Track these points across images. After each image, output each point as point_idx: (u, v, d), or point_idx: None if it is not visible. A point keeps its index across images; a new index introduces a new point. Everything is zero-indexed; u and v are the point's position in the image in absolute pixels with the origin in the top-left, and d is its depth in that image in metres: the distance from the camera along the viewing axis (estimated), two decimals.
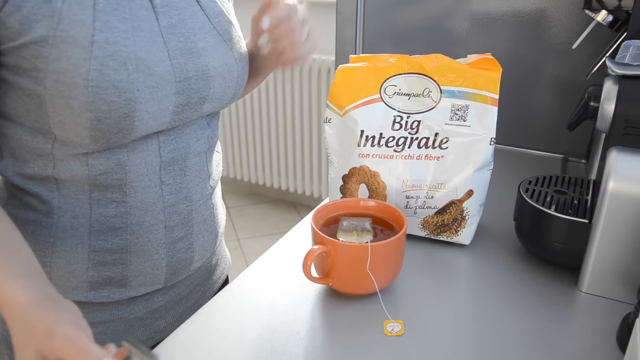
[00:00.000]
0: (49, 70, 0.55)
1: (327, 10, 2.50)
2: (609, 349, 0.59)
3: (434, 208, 0.77)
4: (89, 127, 0.57)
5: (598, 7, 0.91)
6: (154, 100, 0.59)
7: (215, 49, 0.66)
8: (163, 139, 0.64)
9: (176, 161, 0.67)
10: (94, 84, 0.55)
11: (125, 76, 0.56)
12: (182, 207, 0.69)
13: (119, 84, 0.56)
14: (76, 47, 0.54)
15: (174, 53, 0.61)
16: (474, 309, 0.66)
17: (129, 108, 0.57)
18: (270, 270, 0.75)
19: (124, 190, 0.63)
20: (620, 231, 0.64)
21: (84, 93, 0.55)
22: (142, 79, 0.58)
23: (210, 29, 0.66)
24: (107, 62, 0.55)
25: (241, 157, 2.94)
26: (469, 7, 1.16)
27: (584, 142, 1.10)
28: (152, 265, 0.69)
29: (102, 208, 0.64)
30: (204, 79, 0.65)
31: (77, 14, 0.55)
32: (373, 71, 0.77)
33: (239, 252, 2.59)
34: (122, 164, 0.62)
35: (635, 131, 0.66)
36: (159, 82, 0.59)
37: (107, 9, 0.56)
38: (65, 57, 0.54)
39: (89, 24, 0.55)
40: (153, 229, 0.67)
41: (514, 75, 1.15)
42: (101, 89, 0.55)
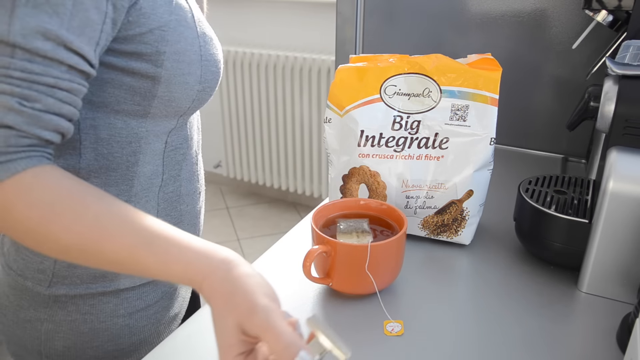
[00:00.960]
0: (171, 52, 0.59)
1: (327, 10, 2.50)
2: (609, 349, 0.59)
3: (434, 208, 0.77)
4: (195, 98, 0.64)
5: (598, 7, 0.91)
6: (221, 68, 0.68)
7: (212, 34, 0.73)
8: (197, 118, 0.73)
9: (198, 133, 0.75)
10: (204, 58, 0.63)
11: (214, 49, 0.65)
12: (201, 174, 0.76)
13: (214, 56, 0.65)
14: (188, 28, 0.60)
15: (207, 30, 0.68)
16: (474, 309, 0.66)
17: (219, 75, 0.67)
18: (270, 270, 0.75)
19: (181, 165, 0.69)
20: (620, 231, 0.64)
21: (199, 67, 0.62)
22: (215, 51, 0.66)
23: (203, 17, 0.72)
24: (205, 38, 0.63)
25: (241, 157, 2.94)
26: (469, 7, 1.16)
27: (584, 142, 1.10)
28: (195, 230, 0.74)
29: (166, 186, 0.68)
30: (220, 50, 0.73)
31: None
32: (373, 71, 0.77)
33: (239, 252, 2.58)
34: (186, 138, 0.69)
35: (635, 131, 0.66)
36: (219, 53, 0.68)
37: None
38: (183, 39, 0.60)
39: (187, 7, 0.61)
40: (195, 196, 0.73)
41: (514, 75, 1.15)
42: (208, 62, 0.63)
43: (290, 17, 2.61)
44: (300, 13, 2.58)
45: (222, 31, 2.78)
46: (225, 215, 2.91)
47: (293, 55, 2.55)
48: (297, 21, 2.60)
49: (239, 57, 2.68)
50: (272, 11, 2.65)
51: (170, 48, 0.58)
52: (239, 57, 2.68)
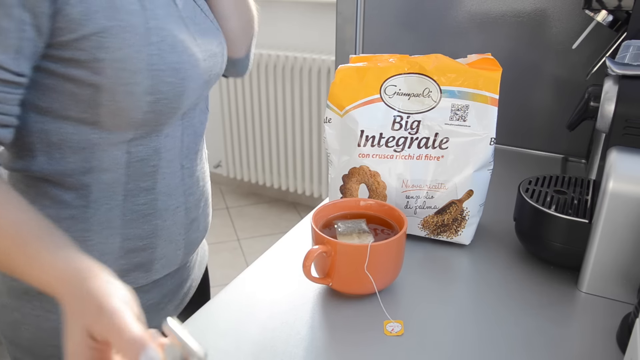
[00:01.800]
0: (111, 60, 0.56)
1: (327, 10, 2.50)
2: (609, 349, 0.59)
3: (434, 208, 0.77)
4: (146, 110, 0.60)
5: (598, 7, 0.91)
6: (195, 78, 0.64)
7: (213, 31, 0.71)
8: (185, 124, 0.69)
9: (190, 145, 0.71)
10: (155, 68, 0.59)
11: (177, 57, 0.61)
12: (196, 189, 0.74)
13: (175, 65, 0.61)
14: (135, 34, 0.57)
15: (196, 35, 0.66)
16: (474, 309, 0.66)
17: (183, 87, 0.62)
18: (270, 271, 0.75)
19: (155, 177, 0.67)
20: (620, 231, 0.64)
21: (147, 77, 0.59)
22: (187, 59, 0.63)
23: (202, 15, 0.70)
24: (162, 46, 0.59)
25: (241, 157, 2.94)
26: (469, 7, 1.16)
27: (584, 142, 1.10)
28: (175, 247, 0.72)
29: (134, 197, 0.66)
30: (214, 57, 0.70)
31: (129, 3, 0.57)
32: (373, 71, 0.77)
33: (239, 252, 2.58)
34: (157, 150, 0.66)
35: (635, 131, 0.66)
36: (196, 61, 0.64)
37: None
38: (126, 46, 0.57)
39: (141, 12, 0.58)
40: (177, 211, 0.71)
41: (513, 75, 1.15)
42: (161, 71, 0.59)
43: (290, 17, 2.61)
44: (300, 13, 2.58)
45: None
46: (225, 215, 2.91)
47: (293, 55, 2.55)
48: (297, 21, 2.60)
49: None
50: (272, 11, 2.65)
51: (111, 55, 0.56)
52: None
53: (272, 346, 0.60)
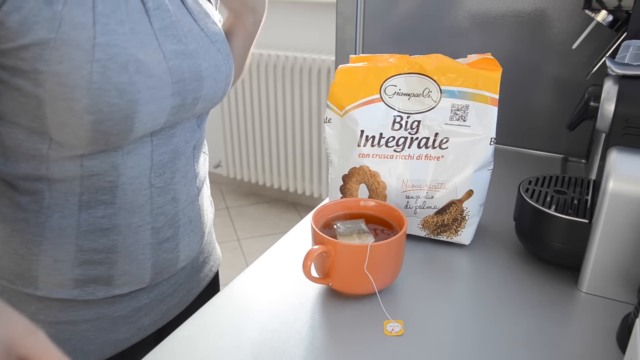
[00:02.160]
0: (50, 73, 0.54)
1: (327, 10, 2.50)
2: (609, 349, 0.59)
3: (434, 208, 0.77)
4: (89, 128, 0.57)
5: (598, 7, 0.91)
6: (153, 102, 0.60)
7: (205, 51, 0.67)
8: (156, 142, 0.65)
9: (166, 164, 0.67)
10: (97, 87, 0.55)
11: (127, 78, 0.57)
12: (169, 209, 0.70)
13: (121, 86, 0.57)
14: (78, 50, 0.54)
15: (169, 55, 0.62)
16: (474, 309, 0.66)
17: (131, 109, 0.58)
18: (270, 271, 0.75)
19: (114, 192, 0.64)
20: (620, 231, 0.64)
21: (87, 95, 0.55)
22: (142, 80, 0.58)
23: (198, 31, 0.67)
24: (109, 64, 0.56)
25: (241, 157, 2.94)
26: (469, 7, 1.16)
27: (584, 142, 1.10)
28: (138, 265, 0.69)
29: (91, 209, 0.64)
30: (197, 79, 0.66)
31: (77, 16, 0.54)
32: (373, 71, 0.77)
33: (239, 252, 2.59)
34: (115, 166, 0.63)
35: (635, 131, 0.66)
36: (158, 83, 0.60)
37: (105, 11, 0.56)
38: (67, 60, 0.54)
39: (90, 27, 0.55)
40: (140, 230, 0.67)
41: (514, 75, 1.15)
42: (104, 91, 0.56)
43: (290, 17, 2.61)
44: (300, 13, 2.58)
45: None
46: (225, 215, 2.92)
47: (293, 55, 2.55)
48: (297, 21, 2.60)
49: None
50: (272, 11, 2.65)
51: (50, 68, 0.54)
52: None
53: (272, 346, 0.60)
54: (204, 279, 0.85)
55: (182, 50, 0.64)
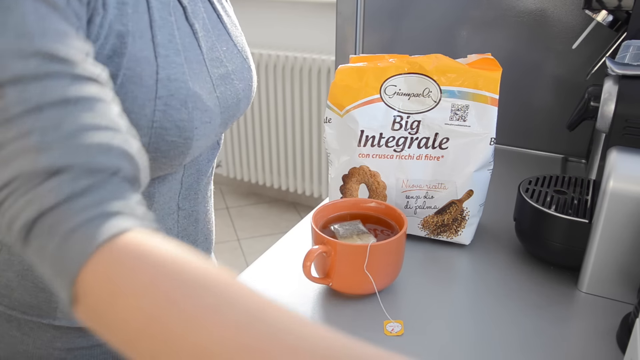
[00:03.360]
0: None
1: (327, 10, 2.50)
2: (609, 349, 0.59)
3: (434, 208, 0.77)
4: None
5: (598, 7, 0.91)
6: (205, 136, 0.56)
7: (240, 70, 0.63)
8: (187, 166, 0.62)
9: (192, 186, 0.65)
10: (158, 125, 0.51)
11: (186, 115, 0.53)
12: (191, 230, 0.68)
13: (181, 124, 0.52)
14: (142, 86, 0.49)
15: (217, 82, 0.58)
16: (474, 309, 0.66)
17: (187, 146, 0.54)
18: (270, 271, 0.75)
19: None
20: (620, 231, 0.64)
21: (147, 134, 0.51)
22: (199, 115, 0.54)
23: (232, 48, 0.62)
24: (170, 101, 0.51)
25: (241, 157, 2.94)
26: (469, 7, 1.16)
27: (584, 142, 1.10)
28: None
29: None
30: (236, 103, 0.62)
31: (142, 49, 0.49)
32: (373, 71, 0.77)
33: (239, 252, 2.59)
34: (151, 194, 0.59)
35: (635, 131, 0.66)
36: (211, 116, 0.56)
37: (164, 41, 0.51)
38: (130, 98, 0.49)
39: (152, 61, 0.50)
40: None
41: (514, 75, 1.15)
42: (164, 129, 0.51)
43: (290, 17, 2.61)
44: (300, 13, 2.58)
45: None
46: (225, 215, 2.92)
47: (293, 55, 2.55)
48: (297, 21, 2.60)
49: None
50: (272, 11, 2.65)
51: None
52: None
53: None
54: None
55: (224, 74, 0.59)
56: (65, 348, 0.65)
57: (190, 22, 0.56)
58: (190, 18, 0.55)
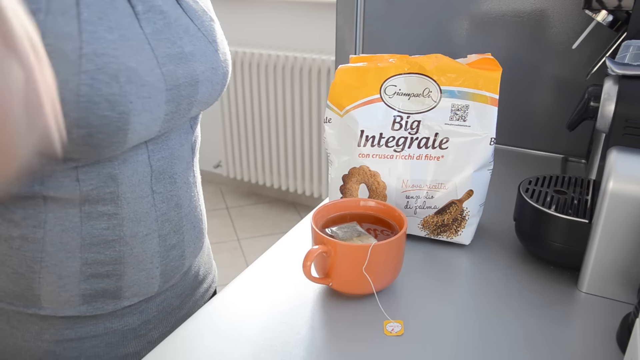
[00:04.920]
0: None
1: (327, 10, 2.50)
2: (609, 349, 0.59)
3: (434, 208, 0.77)
4: (80, 142, 0.54)
5: (598, 7, 0.91)
6: (146, 111, 0.57)
7: (202, 53, 0.65)
8: (152, 147, 0.63)
9: (165, 169, 0.66)
10: (85, 99, 0.52)
11: (118, 89, 0.54)
12: (173, 215, 0.68)
13: (112, 97, 0.54)
14: (64, 61, 0.51)
15: (163, 60, 0.59)
16: (474, 309, 0.66)
17: (123, 121, 0.55)
18: (270, 271, 0.75)
19: (116, 202, 0.62)
20: (620, 231, 0.64)
21: (75, 109, 0.52)
22: (135, 90, 0.55)
23: (195, 31, 0.64)
24: (98, 75, 0.53)
25: (241, 157, 2.94)
26: (469, 7, 1.16)
27: (584, 142, 1.10)
28: (147, 275, 0.68)
29: (93, 221, 0.62)
30: (192, 84, 0.63)
31: (62, 26, 0.51)
32: (373, 71, 0.77)
33: (239, 252, 2.59)
34: (113, 176, 0.61)
35: (635, 131, 0.66)
36: (151, 91, 0.58)
37: (91, 18, 0.53)
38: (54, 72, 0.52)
39: (76, 36, 0.52)
40: (147, 239, 0.66)
41: (514, 75, 1.15)
42: (93, 103, 0.53)
43: (290, 17, 2.61)
44: (300, 13, 2.58)
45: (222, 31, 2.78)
46: (225, 215, 2.92)
47: (293, 55, 2.55)
48: (297, 21, 2.60)
49: (238, 57, 2.68)
50: (272, 11, 2.65)
51: None
52: (238, 57, 2.68)
53: (272, 346, 0.60)
54: (208, 290, 0.85)
55: (177, 54, 0.61)
56: (53, 340, 0.65)
57: (133, 4, 0.58)
58: (133, 0, 0.58)
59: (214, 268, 0.89)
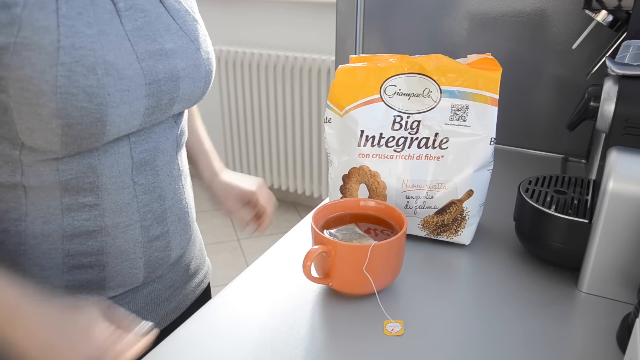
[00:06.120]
0: (12, 78, 0.53)
1: (327, 10, 2.50)
2: (609, 349, 0.59)
3: (434, 208, 0.77)
4: (59, 133, 0.56)
5: (598, 7, 0.91)
6: (125, 104, 0.59)
7: (183, 50, 0.66)
8: (134, 140, 0.65)
9: (147, 161, 0.67)
10: (63, 90, 0.54)
11: (95, 81, 0.56)
12: (157, 206, 0.69)
13: (89, 89, 0.55)
14: (41, 53, 0.53)
15: (142, 56, 0.61)
16: (474, 309, 0.66)
17: (101, 113, 0.57)
18: (270, 271, 0.75)
19: (96, 193, 0.63)
20: (620, 231, 0.64)
21: (53, 100, 0.54)
22: (112, 82, 0.57)
23: (176, 30, 0.66)
24: (75, 67, 0.54)
25: (241, 157, 2.94)
26: (469, 7, 1.16)
27: (584, 142, 1.10)
28: (130, 265, 0.69)
29: (74, 212, 0.63)
30: (173, 80, 0.65)
31: (39, 19, 0.53)
32: (373, 71, 0.77)
33: (239, 252, 2.58)
34: (93, 167, 0.62)
35: (635, 131, 0.66)
36: (129, 85, 0.59)
37: (70, 13, 0.55)
38: (29, 65, 0.53)
39: (53, 30, 0.54)
40: (129, 229, 0.67)
41: (514, 75, 1.15)
42: (71, 94, 0.55)
43: (290, 17, 2.61)
44: (300, 13, 2.58)
45: (221, 31, 2.78)
46: None
47: (293, 55, 2.55)
48: (297, 21, 2.60)
49: (238, 57, 2.68)
50: (271, 11, 2.65)
51: (12, 73, 0.53)
52: (238, 57, 2.68)
53: (272, 346, 0.60)
54: (199, 285, 0.85)
55: (157, 51, 0.63)
56: None
57: (115, 1, 0.60)
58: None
59: (207, 264, 0.90)
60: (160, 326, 0.77)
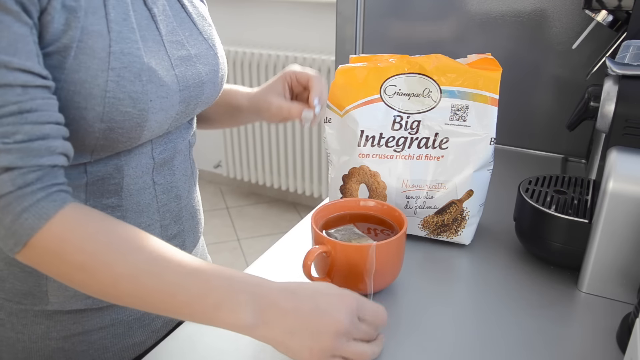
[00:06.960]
0: (67, 81, 0.54)
1: (327, 10, 2.50)
2: (609, 349, 0.59)
3: (434, 208, 0.77)
4: (99, 136, 0.57)
5: (598, 7, 0.91)
6: (162, 110, 0.61)
7: (205, 55, 0.68)
8: (155, 141, 0.66)
9: (166, 161, 0.68)
10: (111, 95, 0.55)
11: (140, 87, 0.57)
12: (173, 206, 0.70)
13: (134, 95, 0.57)
14: (94, 58, 0.54)
15: (176, 62, 0.63)
16: (474, 309, 0.66)
17: (142, 118, 0.58)
18: (270, 270, 0.75)
19: (120, 194, 0.64)
20: (620, 231, 0.64)
21: (101, 104, 0.55)
22: (154, 89, 0.59)
23: (197, 35, 0.67)
24: (124, 73, 0.56)
25: (241, 157, 2.94)
26: (469, 7, 1.16)
27: (584, 142, 1.10)
28: None
29: None
30: (199, 85, 0.66)
31: (93, 24, 0.54)
32: (373, 71, 0.77)
33: (239, 252, 2.59)
34: (119, 168, 0.63)
35: (635, 131, 0.66)
36: (168, 92, 0.61)
37: (117, 18, 0.56)
38: (84, 68, 0.54)
39: (105, 35, 0.55)
40: (150, 229, 0.67)
41: (514, 75, 1.15)
42: (117, 99, 0.56)
43: (290, 17, 2.61)
44: (300, 13, 2.58)
45: (222, 31, 2.78)
46: (225, 215, 2.92)
47: (293, 55, 2.55)
48: (297, 21, 2.60)
49: (239, 57, 2.68)
50: (272, 11, 2.65)
51: (67, 76, 0.54)
52: (239, 57, 2.68)
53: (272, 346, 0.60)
54: None
55: (186, 56, 0.64)
56: (61, 337, 0.66)
57: (149, 7, 0.61)
58: (149, 3, 0.61)
59: (208, 260, 0.90)
60: (173, 322, 0.77)
